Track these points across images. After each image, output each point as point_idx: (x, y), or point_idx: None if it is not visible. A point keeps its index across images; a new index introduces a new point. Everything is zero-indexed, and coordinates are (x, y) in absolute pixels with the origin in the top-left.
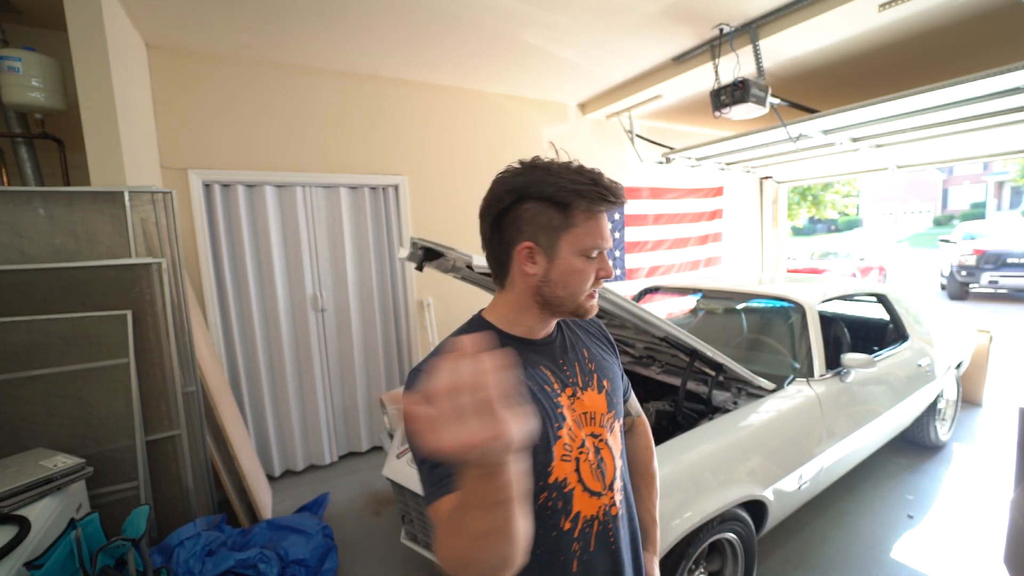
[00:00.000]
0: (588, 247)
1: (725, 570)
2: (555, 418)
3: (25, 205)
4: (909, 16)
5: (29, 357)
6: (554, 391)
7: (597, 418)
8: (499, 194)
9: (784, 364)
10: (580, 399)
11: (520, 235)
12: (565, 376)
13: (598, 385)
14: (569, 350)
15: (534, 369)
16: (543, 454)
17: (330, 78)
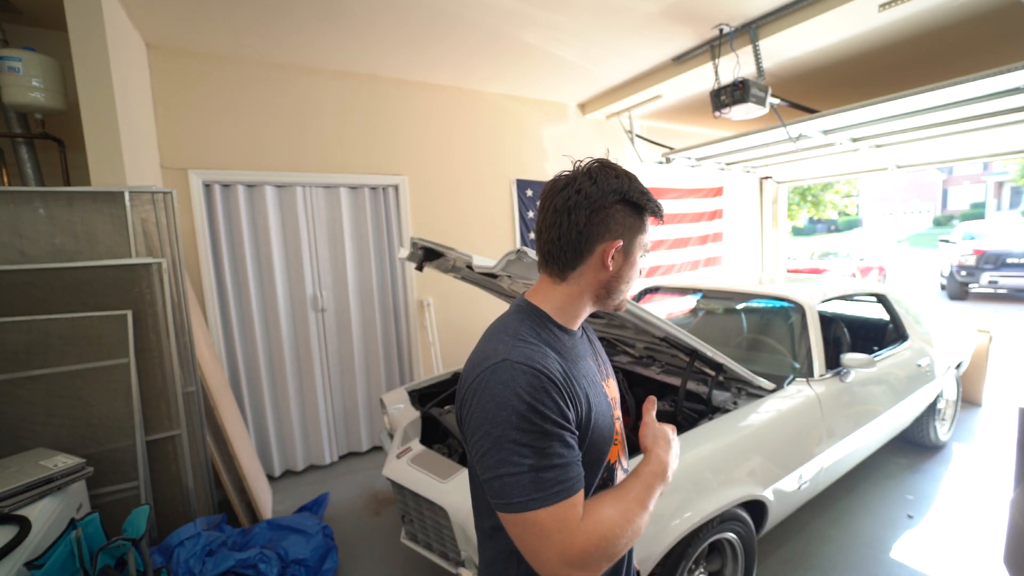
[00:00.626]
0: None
1: (725, 570)
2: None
3: (25, 205)
4: (909, 16)
5: (29, 357)
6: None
7: (616, 402)
8: (603, 192)
9: (784, 364)
10: (608, 386)
11: (609, 233)
12: (598, 365)
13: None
14: (592, 341)
15: (584, 362)
16: (608, 440)
17: (330, 78)
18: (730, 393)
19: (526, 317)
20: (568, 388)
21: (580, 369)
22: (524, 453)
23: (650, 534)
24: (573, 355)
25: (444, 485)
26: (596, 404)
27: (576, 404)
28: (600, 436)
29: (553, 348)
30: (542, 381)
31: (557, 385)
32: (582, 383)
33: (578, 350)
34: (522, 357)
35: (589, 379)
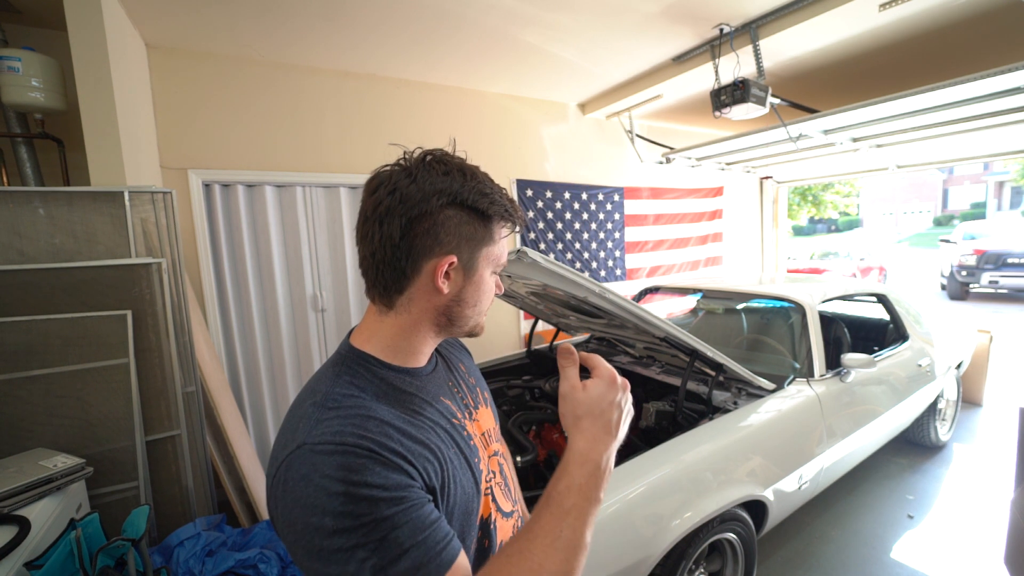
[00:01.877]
0: (499, 264)
1: (725, 570)
2: (471, 453)
3: (25, 205)
4: (909, 16)
5: (29, 357)
6: (461, 422)
7: (494, 434)
8: (426, 193)
9: (784, 364)
10: (478, 420)
11: (439, 247)
12: (459, 400)
13: (484, 399)
14: (451, 370)
15: (437, 403)
16: (473, 494)
17: (330, 78)
18: (730, 393)
19: (344, 369)
20: (401, 451)
21: (427, 418)
22: (361, 556)
23: (650, 534)
24: (418, 400)
25: None
26: (450, 459)
27: (419, 464)
28: (462, 495)
29: (386, 399)
30: (358, 457)
31: (380, 454)
32: (429, 437)
33: (428, 390)
34: (325, 435)
35: (442, 427)
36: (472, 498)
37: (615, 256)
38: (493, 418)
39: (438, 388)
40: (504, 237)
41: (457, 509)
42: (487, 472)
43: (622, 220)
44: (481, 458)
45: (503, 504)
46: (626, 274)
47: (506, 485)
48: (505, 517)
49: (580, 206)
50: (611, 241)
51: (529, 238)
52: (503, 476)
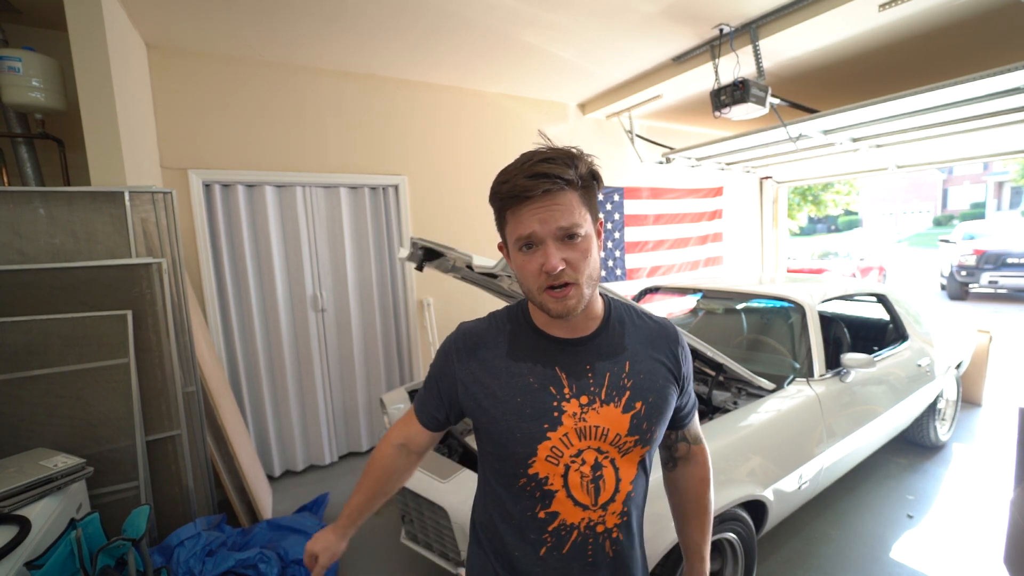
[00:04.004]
0: (516, 239)
1: (725, 570)
2: (546, 419)
3: (25, 205)
4: (909, 16)
5: (29, 357)
6: (560, 395)
7: (609, 436)
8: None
9: (784, 364)
10: (596, 411)
11: (501, 237)
12: (586, 383)
13: (626, 404)
14: (606, 357)
15: (547, 368)
16: (523, 446)
17: (330, 78)
18: (730, 393)
19: (511, 309)
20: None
21: (514, 367)
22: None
23: (650, 534)
24: (528, 354)
25: (444, 485)
26: (490, 395)
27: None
28: (492, 429)
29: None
30: (447, 346)
31: (448, 353)
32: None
33: (550, 356)
34: (462, 325)
35: (519, 379)
36: (517, 444)
37: (615, 256)
38: (627, 428)
39: (564, 358)
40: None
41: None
42: (566, 449)
43: (622, 220)
44: (559, 432)
45: (576, 491)
46: (626, 274)
47: (594, 483)
48: (575, 505)
49: None
50: (611, 241)
51: None
52: (595, 474)
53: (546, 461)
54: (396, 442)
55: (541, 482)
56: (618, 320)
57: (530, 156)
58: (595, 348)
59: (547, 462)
